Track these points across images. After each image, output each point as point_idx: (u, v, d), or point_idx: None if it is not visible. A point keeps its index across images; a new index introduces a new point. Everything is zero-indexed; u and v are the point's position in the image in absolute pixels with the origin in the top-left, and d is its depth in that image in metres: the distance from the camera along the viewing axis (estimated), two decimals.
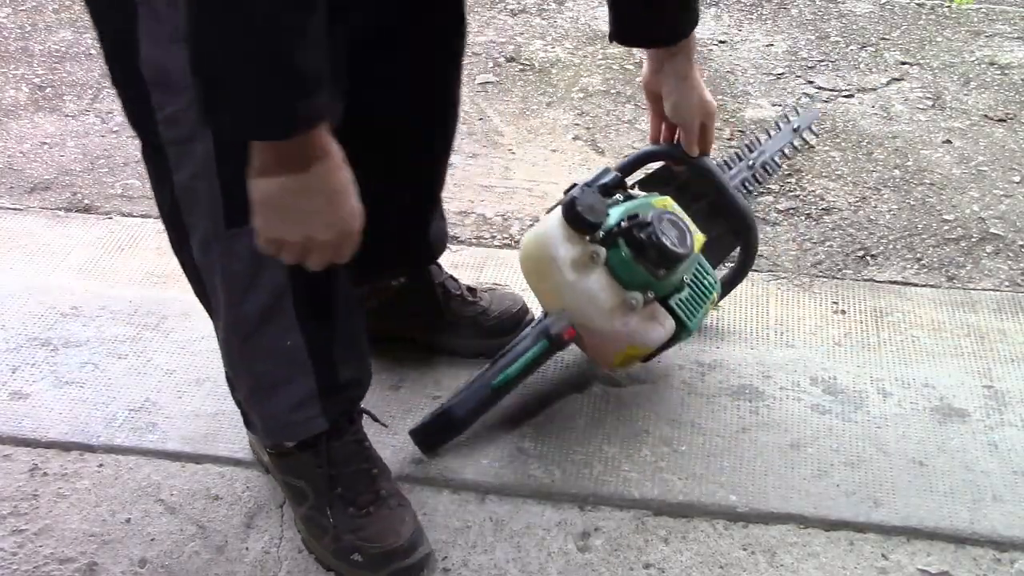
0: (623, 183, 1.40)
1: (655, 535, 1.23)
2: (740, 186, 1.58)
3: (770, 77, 2.16)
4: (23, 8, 2.50)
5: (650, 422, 1.37)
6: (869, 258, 1.67)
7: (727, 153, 1.87)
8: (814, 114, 1.93)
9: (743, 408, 1.39)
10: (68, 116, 2.09)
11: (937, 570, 1.19)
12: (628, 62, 2.22)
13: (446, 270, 1.48)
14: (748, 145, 1.76)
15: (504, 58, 2.24)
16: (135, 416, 1.38)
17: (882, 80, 2.15)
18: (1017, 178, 1.86)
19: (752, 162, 1.73)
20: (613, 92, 2.10)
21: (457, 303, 1.46)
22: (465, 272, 1.62)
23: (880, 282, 1.63)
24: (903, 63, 2.21)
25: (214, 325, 1.18)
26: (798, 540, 1.23)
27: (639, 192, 1.45)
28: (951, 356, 1.48)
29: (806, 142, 1.89)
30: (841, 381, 1.43)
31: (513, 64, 2.22)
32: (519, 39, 2.31)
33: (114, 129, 2.04)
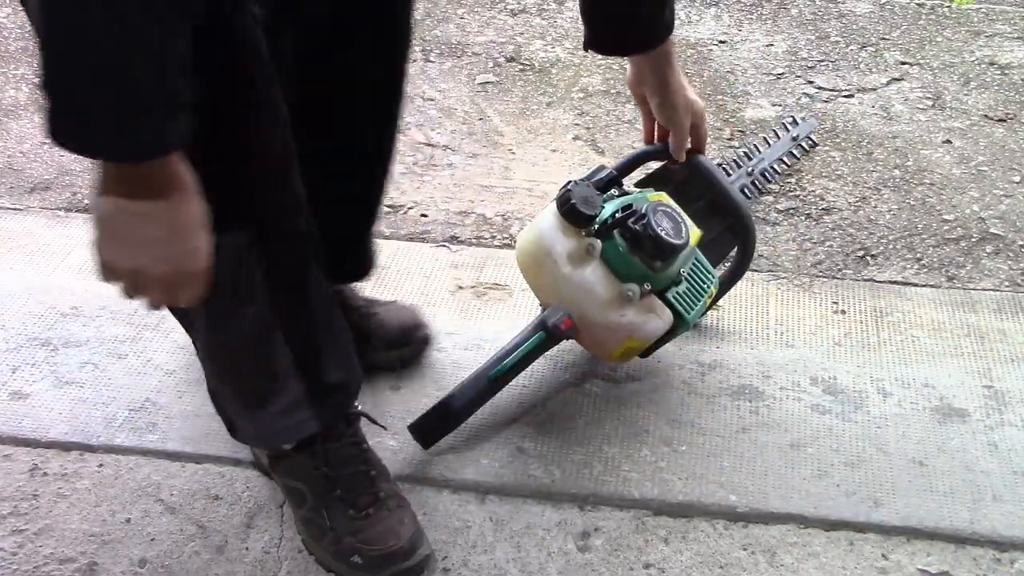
0: (618, 180, 1.40)
1: (655, 535, 1.23)
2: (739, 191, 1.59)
3: (770, 77, 2.16)
4: (23, 8, 2.50)
5: (650, 422, 1.37)
6: (869, 258, 1.67)
7: (727, 155, 1.87)
8: (812, 124, 1.94)
9: (743, 408, 1.39)
10: None
11: (937, 570, 1.19)
12: (628, 62, 2.21)
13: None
14: (747, 153, 1.77)
15: (504, 58, 2.24)
16: (135, 416, 1.38)
17: (882, 80, 2.15)
18: (1017, 178, 1.86)
19: (751, 169, 1.74)
20: (613, 92, 2.10)
21: (355, 316, 1.40)
22: (465, 272, 1.63)
23: (880, 282, 1.62)
24: (903, 63, 2.21)
25: (193, 341, 1.15)
26: (798, 540, 1.23)
27: (634, 189, 1.45)
28: (951, 356, 1.48)
29: (806, 151, 1.89)
30: (841, 381, 1.43)
31: (513, 64, 2.22)
32: (519, 39, 2.31)
33: None
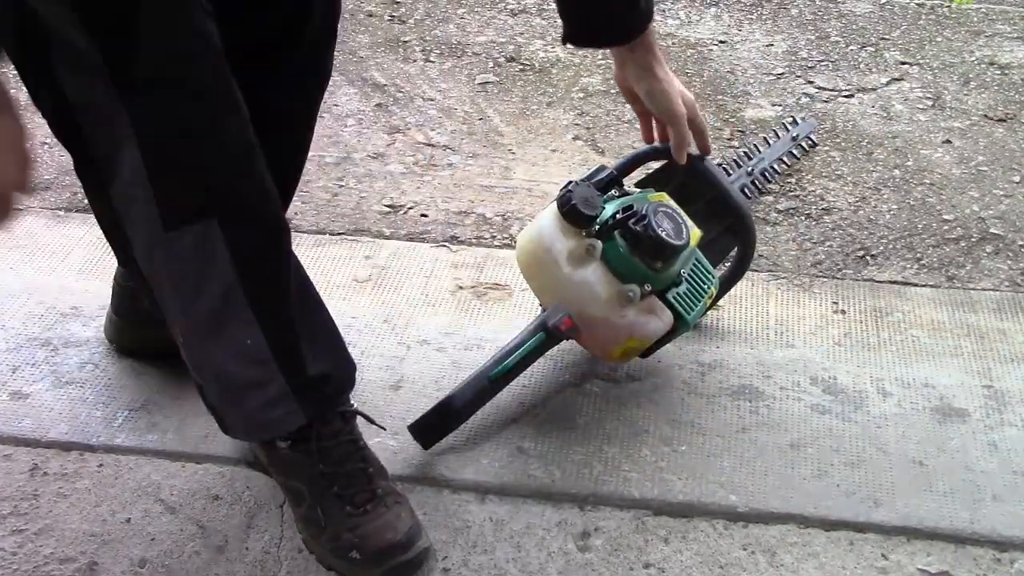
0: (619, 180, 1.40)
1: (655, 535, 1.23)
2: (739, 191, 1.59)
3: (770, 77, 2.16)
4: None
5: (650, 422, 1.37)
6: (869, 258, 1.67)
7: (727, 155, 1.87)
8: (812, 124, 1.94)
9: (743, 408, 1.39)
10: None
11: (937, 570, 1.19)
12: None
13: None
14: (747, 153, 1.77)
15: (504, 58, 2.24)
16: (135, 416, 1.38)
17: (882, 80, 2.15)
18: (1017, 178, 1.86)
19: (751, 169, 1.74)
20: (613, 92, 2.10)
21: None
22: (465, 272, 1.63)
23: (880, 282, 1.62)
24: (903, 63, 2.21)
25: (172, 334, 1.16)
26: (798, 540, 1.23)
27: (635, 189, 1.45)
28: (951, 356, 1.48)
29: (805, 151, 1.90)
30: (841, 381, 1.43)
31: (513, 64, 2.22)
32: (519, 39, 2.31)
33: None
